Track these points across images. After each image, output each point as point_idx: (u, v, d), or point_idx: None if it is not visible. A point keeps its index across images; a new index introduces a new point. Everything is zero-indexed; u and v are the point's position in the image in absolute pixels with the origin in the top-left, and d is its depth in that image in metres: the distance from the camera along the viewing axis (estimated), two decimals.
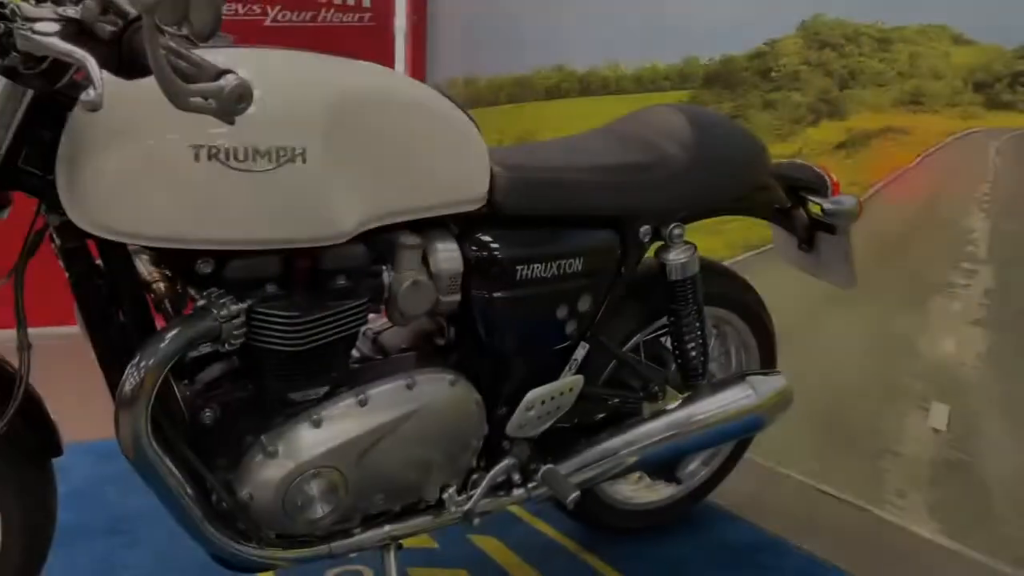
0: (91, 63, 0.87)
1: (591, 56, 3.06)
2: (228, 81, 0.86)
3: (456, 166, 1.38)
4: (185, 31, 0.85)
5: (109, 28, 0.92)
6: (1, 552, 1.25)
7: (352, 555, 1.73)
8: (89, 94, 0.85)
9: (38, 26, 0.93)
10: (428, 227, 1.40)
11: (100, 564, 1.73)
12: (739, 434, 1.75)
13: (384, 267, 1.37)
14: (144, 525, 1.90)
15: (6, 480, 1.22)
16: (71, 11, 0.95)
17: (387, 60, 4.06)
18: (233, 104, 0.87)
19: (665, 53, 2.72)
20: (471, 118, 1.42)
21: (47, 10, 0.95)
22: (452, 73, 3.92)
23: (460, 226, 1.43)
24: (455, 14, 3.92)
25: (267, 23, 3.76)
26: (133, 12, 0.92)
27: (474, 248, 1.42)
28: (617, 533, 1.93)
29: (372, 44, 3.96)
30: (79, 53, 0.88)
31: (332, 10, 3.86)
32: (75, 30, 0.94)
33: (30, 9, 0.95)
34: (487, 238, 1.43)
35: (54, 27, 0.93)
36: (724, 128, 1.74)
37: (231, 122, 0.90)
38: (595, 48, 3.03)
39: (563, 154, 1.57)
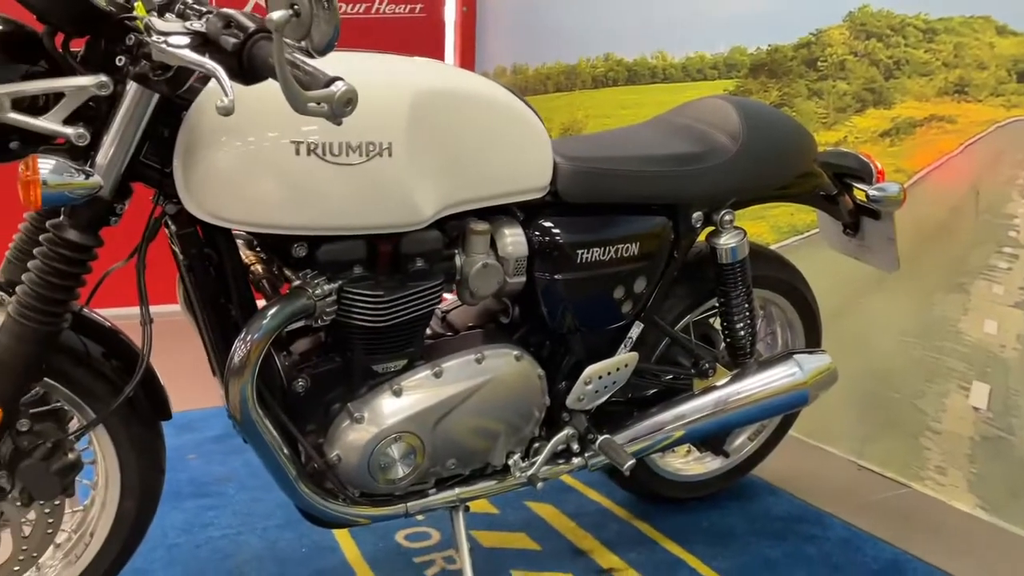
0: (221, 74, 1.00)
1: (639, 46, 3.14)
2: (338, 87, 0.98)
3: (522, 158, 1.49)
4: (305, 45, 0.97)
5: (232, 40, 1.04)
6: (120, 504, 1.41)
7: (420, 517, 1.89)
8: (223, 101, 0.98)
9: (171, 39, 1.06)
10: (495, 214, 1.52)
11: (190, 523, 1.89)
12: (785, 409, 1.85)
13: (456, 251, 1.49)
14: (226, 489, 2.06)
15: (127, 441, 1.37)
16: (197, 25, 1.08)
17: (437, 50, 4.17)
18: (342, 107, 0.99)
19: (712, 43, 2.80)
20: (536, 112, 1.53)
21: (176, 25, 1.08)
22: (500, 62, 4.02)
23: (525, 213, 1.55)
24: (503, 4, 4.02)
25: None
26: (252, 26, 1.05)
27: (538, 233, 1.54)
28: (666, 503, 2.04)
29: (423, 34, 4.08)
30: (210, 64, 1.01)
31: (385, 2, 3.98)
32: (200, 42, 1.07)
33: (162, 24, 1.09)
34: (550, 224, 1.55)
35: (184, 40, 1.06)
36: (772, 118, 1.83)
37: (339, 123, 1.02)
38: (643, 38, 3.11)
39: (620, 145, 1.67)
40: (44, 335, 1.20)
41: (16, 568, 1.36)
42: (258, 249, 1.48)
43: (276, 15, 0.92)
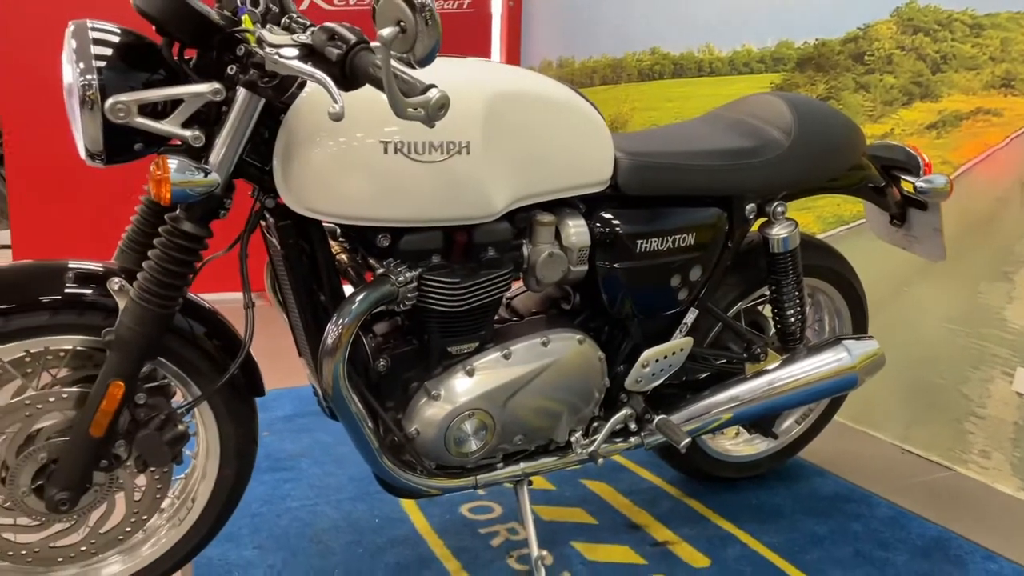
0: (330, 83, 1.11)
1: (686, 40, 3.21)
2: (433, 94, 1.09)
3: (586, 153, 1.59)
4: (408, 57, 1.08)
5: (335, 51, 1.15)
6: (220, 472, 1.54)
7: (481, 492, 2.00)
8: (334, 107, 1.09)
9: (283, 51, 1.18)
10: (559, 206, 1.62)
11: (270, 495, 2.03)
12: (834, 392, 1.92)
13: (524, 241, 1.59)
14: (300, 464, 2.19)
15: (227, 414, 1.50)
16: (303, 37, 1.20)
17: (484, 44, 4.28)
18: (437, 111, 1.10)
19: (760, 37, 2.86)
20: (598, 110, 1.62)
21: (285, 38, 1.20)
22: (546, 56, 4.11)
23: (587, 205, 1.64)
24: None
25: None
26: (353, 39, 1.16)
27: (599, 224, 1.63)
28: (716, 482, 2.13)
29: (470, 29, 4.18)
30: (319, 75, 1.13)
31: None
32: (307, 52, 1.19)
33: (273, 37, 1.20)
34: (610, 216, 1.64)
35: (294, 52, 1.18)
36: (822, 113, 1.90)
37: (432, 126, 1.13)
38: (690, 32, 3.18)
39: (677, 140, 1.76)
40: (160, 317, 1.33)
41: (128, 529, 1.51)
42: (341, 239, 1.60)
43: (386, 32, 1.03)
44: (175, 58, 1.28)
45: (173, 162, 1.21)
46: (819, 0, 2.62)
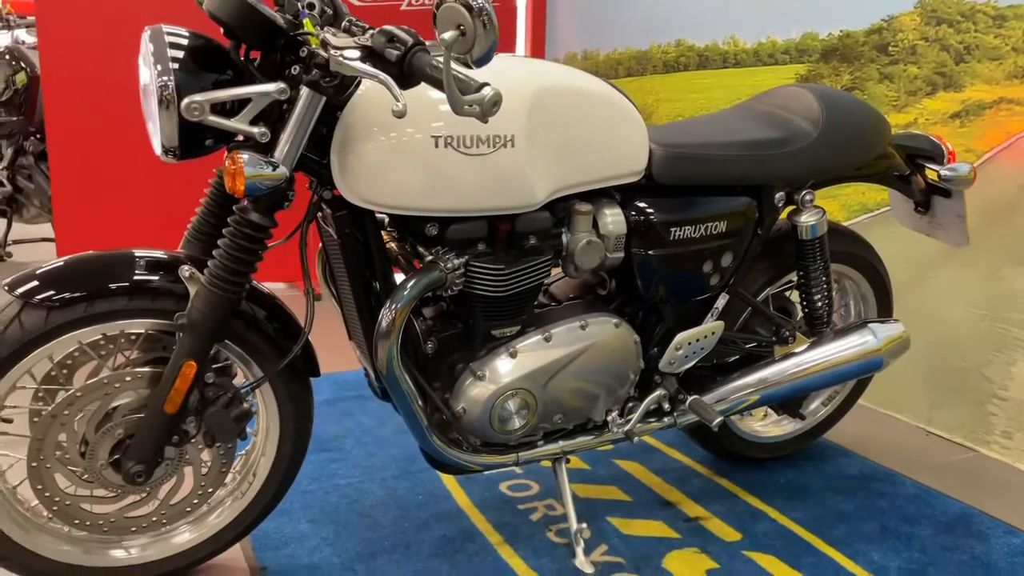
0: (392, 83, 1.20)
1: (711, 31, 3.27)
2: (487, 92, 1.18)
3: (622, 145, 1.67)
4: (466, 58, 1.16)
5: (395, 53, 1.24)
6: (279, 449, 1.64)
7: (518, 470, 2.09)
8: (397, 105, 1.18)
9: (346, 53, 1.26)
10: (596, 196, 1.70)
11: (318, 473, 2.12)
12: (860, 373, 1.99)
13: (563, 230, 1.67)
14: (344, 445, 2.29)
15: (287, 394, 1.60)
16: (364, 40, 1.29)
17: (509, 36, 4.34)
18: (491, 108, 1.18)
19: (785, 28, 2.91)
20: (633, 103, 1.70)
21: (347, 40, 1.29)
22: (570, 48, 4.18)
23: (622, 194, 1.72)
24: None
25: (403, 8, 4.10)
26: (410, 40, 1.24)
27: (634, 213, 1.71)
28: (744, 462, 2.20)
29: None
30: (382, 75, 1.21)
31: None
32: (367, 54, 1.28)
33: (335, 39, 1.29)
34: (645, 204, 1.72)
35: (356, 53, 1.27)
36: (848, 104, 1.97)
37: (486, 121, 1.21)
38: (715, 24, 3.24)
39: (709, 131, 1.83)
40: (228, 301, 1.43)
41: (195, 501, 1.61)
42: (390, 229, 1.69)
43: (447, 35, 1.11)
44: (241, 59, 1.37)
45: (245, 156, 1.30)
46: None
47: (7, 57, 4.13)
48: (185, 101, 1.27)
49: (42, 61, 3.47)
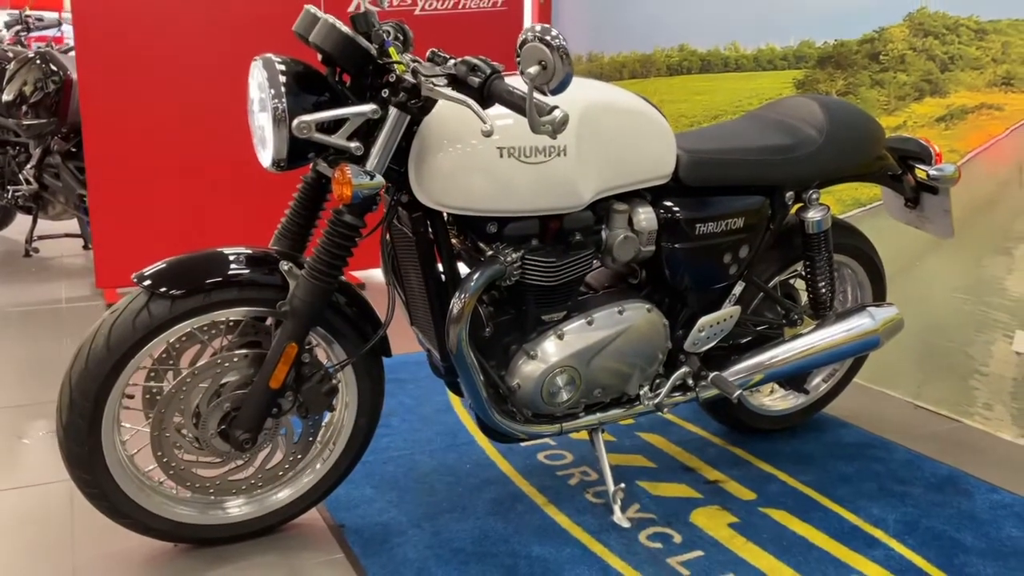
0: (478, 108, 1.43)
1: (713, 37, 3.51)
2: (557, 114, 1.40)
3: (654, 152, 1.90)
4: (544, 88, 1.39)
5: (476, 80, 1.47)
6: (356, 421, 1.86)
7: (552, 442, 2.33)
8: (485, 127, 1.41)
9: (435, 80, 1.49)
10: (631, 196, 1.93)
11: (372, 446, 2.29)
12: (859, 352, 2.25)
13: (602, 227, 1.90)
14: (391, 422, 2.51)
15: (364, 372, 1.83)
16: (449, 68, 1.51)
17: (515, 40, 4.54)
18: (560, 127, 1.41)
19: (783, 36, 3.16)
20: (663, 114, 1.93)
21: (434, 69, 1.51)
22: (576, 51, 4.39)
23: (652, 195, 1.96)
24: None
25: (417, 12, 4.31)
26: (489, 70, 1.47)
27: (664, 211, 1.95)
28: (754, 433, 2.45)
29: (504, 26, 4.46)
30: (471, 101, 1.44)
31: None
32: (452, 80, 1.50)
33: (424, 69, 1.51)
34: (673, 204, 1.96)
35: (443, 80, 1.49)
36: (849, 112, 2.21)
37: (555, 138, 1.44)
38: (717, 30, 3.48)
39: (728, 138, 2.07)
40: (324, 291, 1.65)
41: (287, 466, 1.84)
42: (451, 227, 1.91)
43: (532, 70, 1.34)
44: (337, 83, 1.59)
45: (352, 169, 1.52)
46: (838, 4, 2.91)
47: (38, 61, 4.30)
48: (295, 121, 1.49)
49: (79, 62, 3.64)
